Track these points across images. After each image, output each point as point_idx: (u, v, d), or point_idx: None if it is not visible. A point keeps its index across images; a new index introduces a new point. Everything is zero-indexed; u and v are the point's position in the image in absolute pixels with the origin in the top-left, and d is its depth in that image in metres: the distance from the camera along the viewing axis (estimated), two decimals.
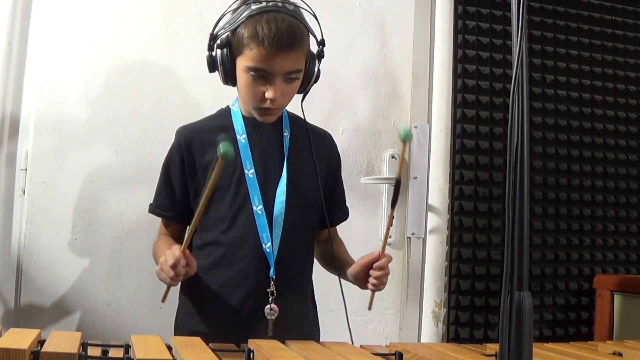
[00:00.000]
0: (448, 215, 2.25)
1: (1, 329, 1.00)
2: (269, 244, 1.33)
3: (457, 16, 2.29)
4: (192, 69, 2.03)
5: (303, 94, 1.41)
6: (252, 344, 1.05)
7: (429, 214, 2.24)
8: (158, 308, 1.92)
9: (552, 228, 2.37)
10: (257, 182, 1.35)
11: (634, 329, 2.09)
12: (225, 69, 1.32)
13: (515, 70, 0.82)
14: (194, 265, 1.26)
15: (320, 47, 1.38)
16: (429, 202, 2.24)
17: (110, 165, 1.96)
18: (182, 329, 1.40)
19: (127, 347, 1.00)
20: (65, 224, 1.92)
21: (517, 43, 0.82)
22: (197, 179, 1.38)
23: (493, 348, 1.20)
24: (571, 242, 2.39)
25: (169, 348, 1.00)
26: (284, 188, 1.36)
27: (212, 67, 1.35)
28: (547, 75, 2.40)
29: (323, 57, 1.38)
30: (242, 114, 1.41)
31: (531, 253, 1.82)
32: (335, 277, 1.46)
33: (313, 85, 1.40)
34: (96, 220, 1.94)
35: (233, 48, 1.31)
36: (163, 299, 1.28)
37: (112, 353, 1.00)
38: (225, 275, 1.35)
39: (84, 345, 0.99)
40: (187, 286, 1.40)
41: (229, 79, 1.34)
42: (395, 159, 2.21)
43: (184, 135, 1.41)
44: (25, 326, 1.15)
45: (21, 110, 1.92)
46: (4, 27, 1.88)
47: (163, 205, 1.43)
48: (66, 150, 1.93)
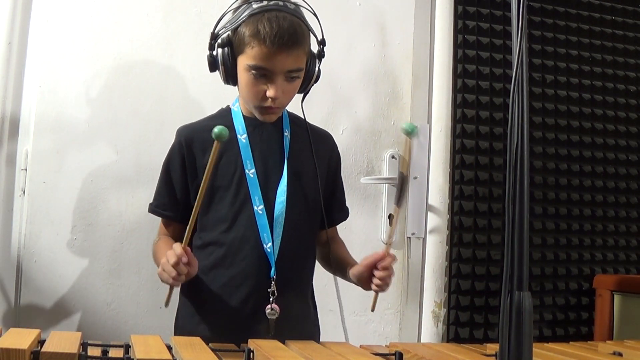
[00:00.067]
0: (448, 215, 2.25)
1: (1, 328, 1.00)
2: (269, 244, 1.33)
3: (457, 16, 2.29)
4: (192, 68, 2.03)
5: (303, 93, 1.42)
6: (252, 344, 1.05)
7: (429, 214, 2.24)
8: (158, 308, 1.93)
9: (552, 228, 2.37)
10: (258, 182, 1.35)
11: (634, 329, 2.09)
12: (226, 68, 1.32)
13: (515, 70, 0.82)
14: (195, 265, 1.25)
15: (321, 46, 1.38)
16: (429, 202, 2.24)
17: (110, 165, 1.96)
18: (182, 330, 1.39)
19: (127, 347, 1.00)
20: (65, 224, 1.92)
21: (517, 43, 0.82)
22: (197, 178, 1.38)
23: (493, 348, 1.20)
24: (571, 242, 2.39)
25: (169, 348, 1.00)
26: (285, 188, 1.36)
27: (213, 66, 1.35)
28: (547, 75, 2.40)
29: (323, 57, 1.39)
30: (243, 114, 1.41)
31: (531, 253, 1.82)
32: (335, 277, 1.46)
33: (313, 85, 1.40)
34: (96, 220, 1.94)
35: (234, 47, 1.31)
36: (166, 304, 1.28)
37: (112, 353, 1.00)
38: (226, 275, 1.35)
39: (84, 345, 0.99)
40: (187, 286, 1.39)
41: (230, 79, 1.35)
42: (396, 159, 2.21)
43: (185, 135, 1.41)
44: (25, 326, 1.15)
45: (21, 110, 1.92)
46: (4, 27, 1.88)
47: (163, 205, 1.43)
48: (66, 150, 1.93)
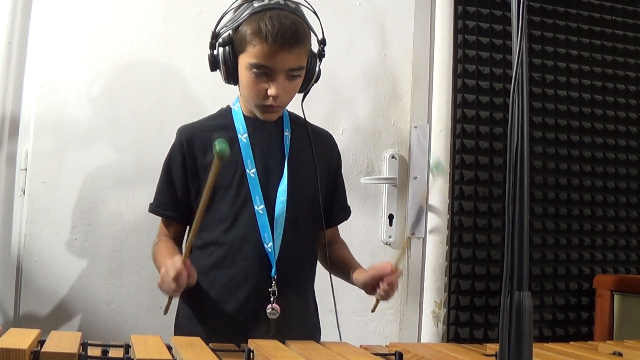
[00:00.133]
0: (448, 215, 2.25)
1: (1, 329, 1.00)
2: (270, 243, 1.33)
3: (457, 16, 2.29)
4: (192, 68, 2.03)
5: (304, 93, 1.42)
6: (252, 344, 1.05)
7: (429, 214, 2.24)
8: (158, 308, 1.92)
9: (552, 228, 2.37)
10: (258, 182, 1.35)
11: (634, 329, 2.09)
12: (227, 67, 1.32)
13: (515, 70, 0.82)
14: (194, 276, 1.25)
15: (322, 46, 1.38)
16: (429, 202, 2.24)
17: (110, 165, 1.96)
18: (182, 330, 1.39)
19: (127, 347, 1.00)
20: (65, 224, 1.92)
21: (517, 43, 0.82)
22: (198, 178, 1.38)
23: (493, 348, 1.20)
24: (571, 242, 2.39)
25: (169, 348, 1.00)
26: (285, 188, 1.36)
27: (213, 65, 1.35)
28: (547, 75, 2.40)
29: (324, 56, 1.39)
30: (243, 114, 1.41)
31: (531, 253, 1.82)
32: (335, 277, 1.46)
33: (314, 85, 1.40)
34: (96, 220, 1.94)
35: (235, 46, 1.31)
36: (165, 312, 1.28)
37: (112, 353, 1.00)
38: (226, 275, 1.35)
39: (84, 345, 0.99)
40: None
41: (231, 78, 1.34)
42: (395, 158, 2.21)
43: (185, 134, 1.41)
44: (25, 326, 1.15)
45: (21, 110, 1.92)
46: (4, 27, 1.88)
47: (164, 205, 1.43)
48: (66, 150, 1.93)
